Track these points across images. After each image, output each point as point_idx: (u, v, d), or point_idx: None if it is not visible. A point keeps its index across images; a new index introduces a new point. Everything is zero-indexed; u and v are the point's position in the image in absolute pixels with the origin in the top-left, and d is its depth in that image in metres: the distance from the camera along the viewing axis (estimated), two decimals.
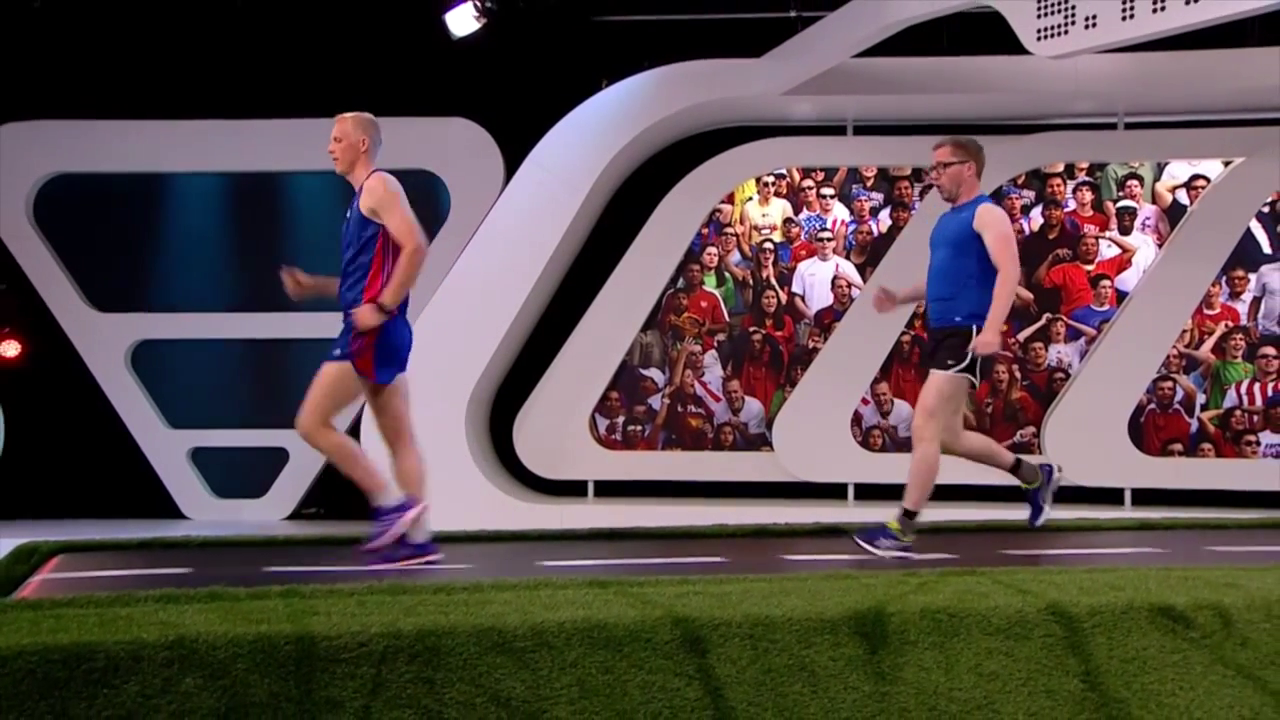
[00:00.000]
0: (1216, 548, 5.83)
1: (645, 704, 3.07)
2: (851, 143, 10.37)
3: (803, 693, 3.16)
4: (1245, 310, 9.84)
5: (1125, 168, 10.10)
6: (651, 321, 10.47)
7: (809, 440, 10.09)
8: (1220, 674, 3.52)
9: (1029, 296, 10.13)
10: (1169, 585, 3.87)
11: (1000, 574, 3.84)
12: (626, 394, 10.49)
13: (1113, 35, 7.61)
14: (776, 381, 10.38)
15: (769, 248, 10.46)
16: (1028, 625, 3.42)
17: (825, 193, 10.44)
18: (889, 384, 10.21)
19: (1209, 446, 9.83)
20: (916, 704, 3.21)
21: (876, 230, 10.37)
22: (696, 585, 3.51)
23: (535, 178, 10.01)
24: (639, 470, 10.42)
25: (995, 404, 10.12)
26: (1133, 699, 3.37)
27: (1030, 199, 10.23)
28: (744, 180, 10.47)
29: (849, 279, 10.33)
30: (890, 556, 4.94)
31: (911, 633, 3.30)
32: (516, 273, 9.94)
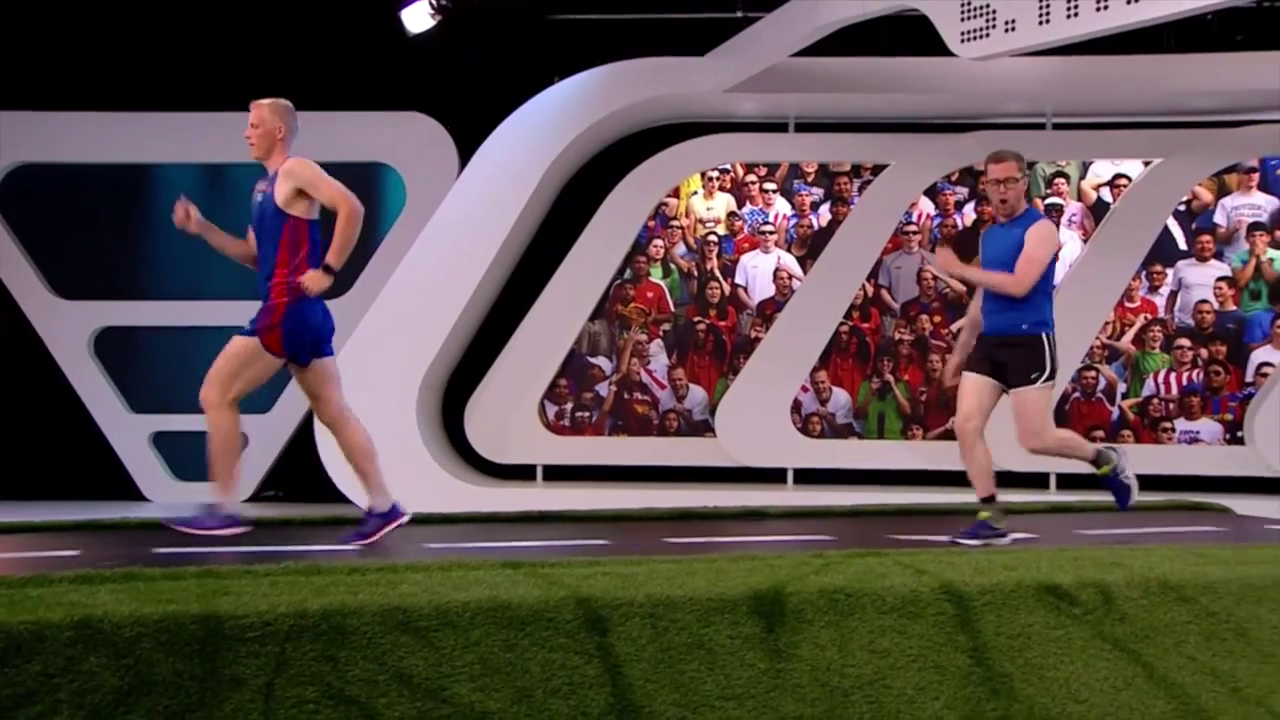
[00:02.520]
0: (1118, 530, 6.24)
1: (545, 681, 3.19)
2: (793, 139, 10.71)
3: (700, 670, 3.34)
4: (1163, 303, 10.30)
5: (1053, 166, 10.51)
6: (599, 311, 10.78)
7: (750, 427, 10.45)
8: (1098, 648, 3.83)
9: (962, 289, 10.52)
10: (1059, 565, 4.20)
11: (902, 555, 4.15)
12: (575, 381, 10.80)
13: (1031, 39, 8.02)
14: (720, 370, 10.72)
15: (713, 240, 10.79)
16: (921, 604, 3.72)
17: (768, 187, 10.78)
18: (828, 372, 10.59)
19: (1129, 433, 10.29)
20: (810, 680, 3.42)
21: (817, 224, 10.72)
22: (604, 566, 3.70)
23: (485, 171, 10.27)
24: (586, 455, 10.74)
25: (929, 392, 10.52)
26: (1016, 673, 3.66)
27: (964, 195, 10.62)
28: (689, 175, 10.78)
29: (790, 271, 10.68)
30: (1008, 542, 5.13)
31: (809, 612, 3.54)
32: (467, 263, 10.20)
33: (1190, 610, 3.98)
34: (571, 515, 6.14)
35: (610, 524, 5.96)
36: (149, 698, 2.94)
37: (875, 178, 10.57)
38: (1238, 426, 10.14)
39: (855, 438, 10.59)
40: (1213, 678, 3.77)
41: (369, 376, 9.89)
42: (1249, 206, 10.23)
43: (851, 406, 10.60)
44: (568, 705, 3.15)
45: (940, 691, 3.58)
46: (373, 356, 10.01)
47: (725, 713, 3.30)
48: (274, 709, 2.92)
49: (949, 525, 6.54)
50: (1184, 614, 3.97)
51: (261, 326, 4.94)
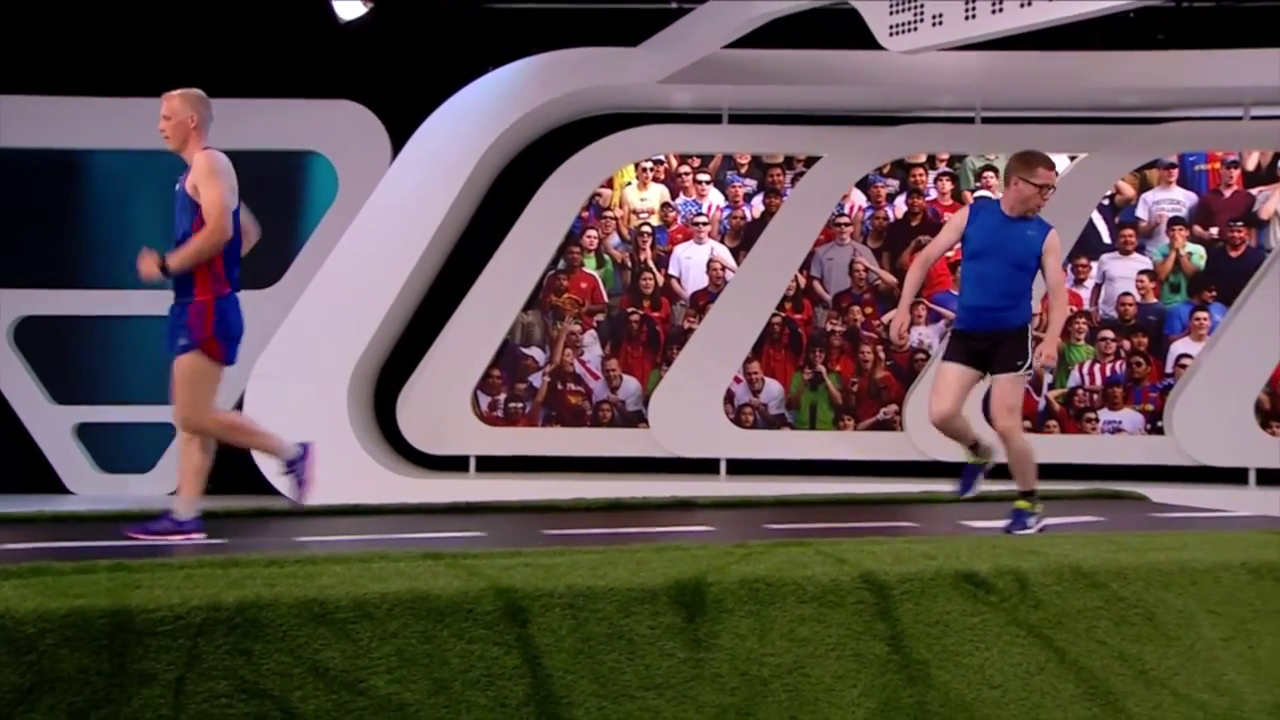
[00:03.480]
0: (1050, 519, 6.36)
1: (464, 672, 3.18)
2: (726, 131, 10.75)
3: (619, 660, 3.35)
4: (1088, 296, 10.50)
5: (982, 159, 10.66)
6: (533, 301, 10.76)
7: (683, 417, 10.49)
8: (1013, 634, 3.91)
9: (892, 281, 10.65)
10: (977, 553, 4.27)
11: (824, 545, 4.19)
12: (508, 372, 10.78)
13: (958, 33, 8.15)
14: (653, 361, 10.76)
15: (647, 231, 10.81)
16: (841, 593, 3.76)
17: (701, 179, 10.82)
18: (760, 363, 10.66)
19: (1054, 423, 10.48)
20: (730, 669, 3.44)
21: (750, 215, 10.78)
22: (526, 557, 3.71)
23: (418, 160, 10.21)
24: (520, 446, 10.72)
25: (860, 383, 10.64)
26: (933, 660, 3.73)
27: (895, 188, 10.73)
28: (623, 165, 10.79)
29: (723, 262, 10.74)
30: (1040, 528, 5.39)
31: (729, 601, 3.57)
32: (399, 252, 10.14)
33: (1101, 596, 4.06)
34: (500, 506, 6.14)
35: (538, 515, 5.96)
36: (52, 695, 2.89)
37: (808, 170, 10.65)
38: (1158, 416, 10.37)
39: (787, 428, 10.68)
40: (1121, 661, 3.86)
41: (299, 368, 9.83)
42: (1169, 201, 10.45)
43: (784, 397, 10.69)
44: (486, 696, 3.15)
45: (858, 679, 3.63)
46: (303, 347, 9.93)
47: (644, 702, 3.32)
48: (184, 704, 2.89)
49: (878, 515, 6.65)
50: (1095, 599, 4.05)
51: (197, 339, 4.86)
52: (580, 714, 3.24)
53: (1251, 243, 10.34)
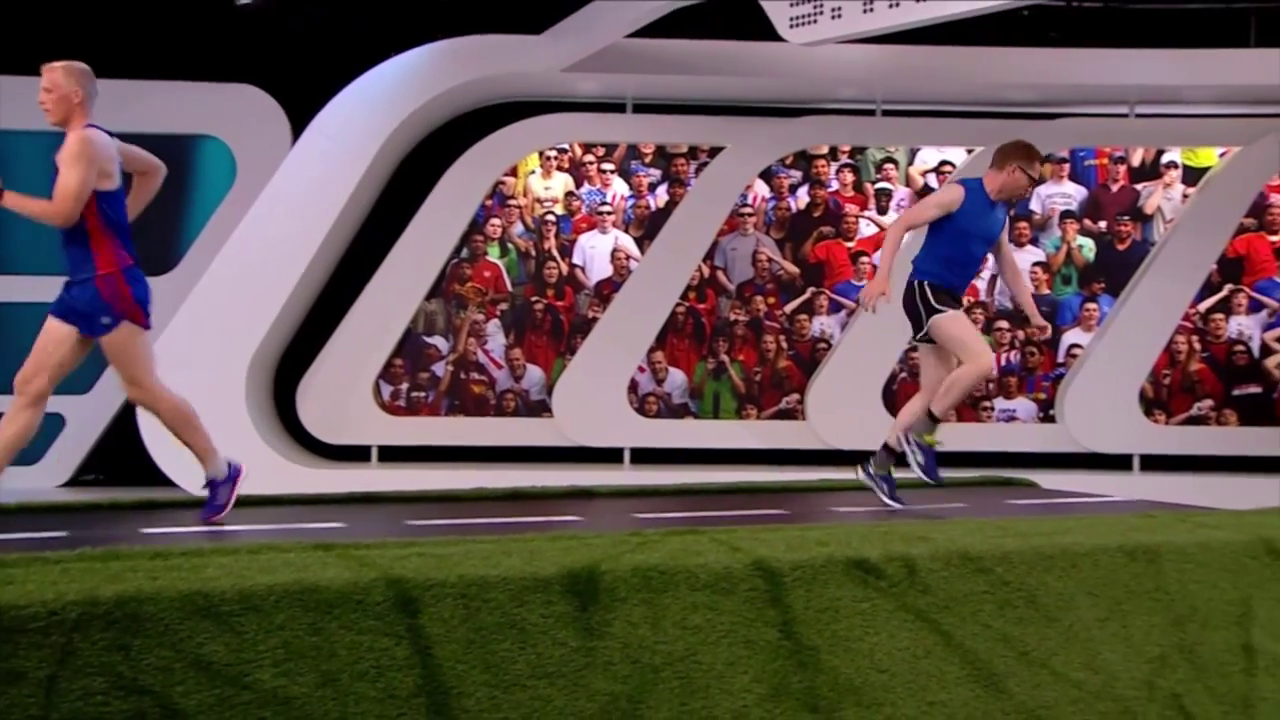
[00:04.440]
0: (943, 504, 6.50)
1: (353, 664, 3.13)
2: (631, 120, 10.77)
3: (511, 649, 3.32)
4: (984, 286, 10.73)
5: (882, 152, 10.83)
6: (436, 290, 10.67)
7: (587, 407, 10.50)
8: (902, 618, 3.98)
9: (795, 271, 10.77)
10: (868, 540, 4.33)
11: (719, 533, 4.22)
12: (410, 361, 10.68)
13: (856, 26, 8.29)
14: (557, 350, 10.74)
15: (551, 220, 10.78)
16: (734, 580, 3.79)
17: (605, 168, 10.83)
18: (664, 353, 10.71)
19: (952, 412, 10.67)
20: (622, 657, 3.44)
21: (654, 205, 10.81)
22: (419, 547, 3.67)
23: (318, 146, 10.05)
24: (423, 436, 10.64)
25: (763, 372, 10.74)
26: (824, 645, 3.77)
27: (797, 178, 10.85)
28: (527, 154, 10.75)
29: (628, 251, 10.76)
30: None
31: (622, 590, 3.57)
32: (299, 239, 9.98)
33: (987, 580, 4.15)
34: (397, 496, 6.08)
35: (438, 504, 5.92)
36: None
37: (711, 160, 10.72)
38: (1050, 405, 10.64)
39: (691, 417, 10.75)
40: (1004, 643, 3.95)
41: (194, 355, 9.61)
42: (1061, 195, 10.73)
43: (687, 386, 10.75)
44: (375, 688, 3.12)
45: (749, 665, 3.66)
46: (198, 335, 9.73)
47: (536, 691, 3.32)
48: (56, 702, 2.80)
49: (777, 502, 6.73)
50: (981, 584, 4.14)
51: (121, 311, 4.71)
52: (471, 704, 3.22)
53: (1137, 236, 10.66)
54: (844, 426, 10.50)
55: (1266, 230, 10.62)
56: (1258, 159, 10.35)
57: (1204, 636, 4.18)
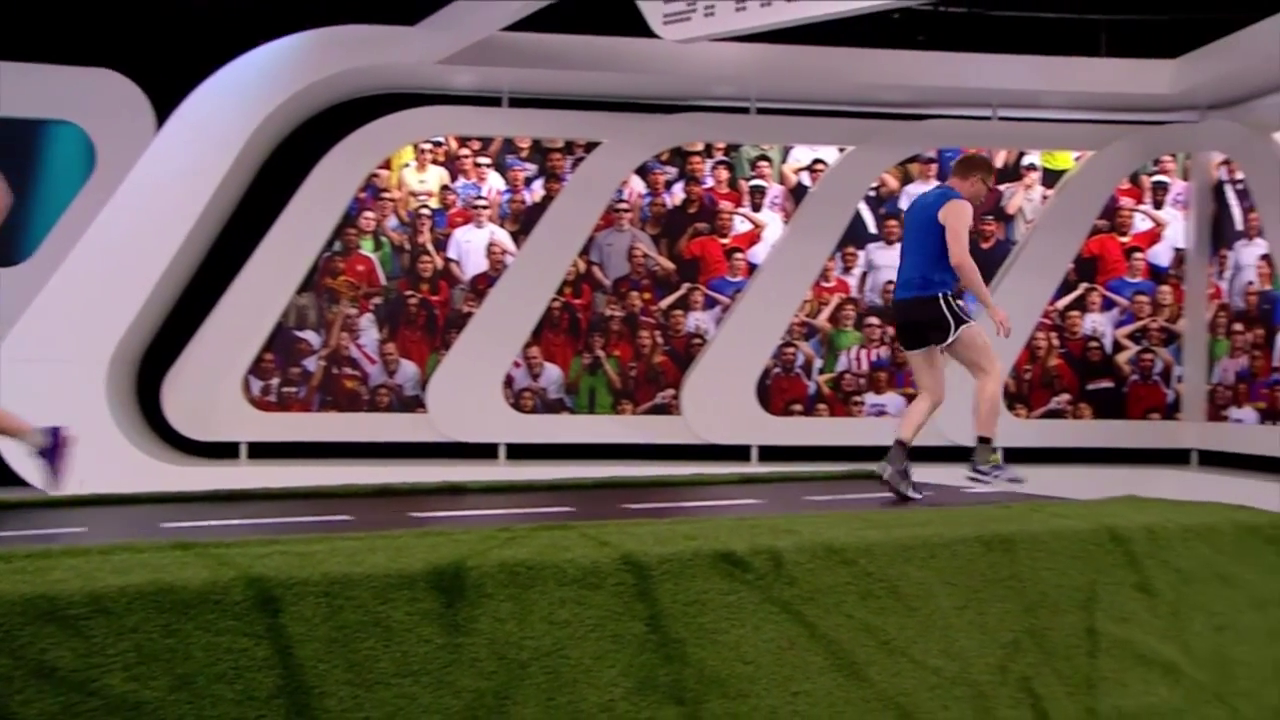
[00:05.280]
0: (813, 496, 6.62)
1: (209, 666, 3.06)
2: (507, 114, 10.71)
3: (375, 647, 3.28)
4: (855, 283, 10.95)
5: (757, 149, 10.96)
6: (308, 284, 10.47)
7: (462, 402, 10.43)
8: (767, 610, 4.03)
9: (671, 267, 10.84)
10: (736, 533, 4.39)
11: (588, 528, 4.23)
12: (281, 355, 10.46)
13: (729, 24, 8.39)
14: (431, 345, 10.64)
15: (426, 214, 10.67)
16: (601, 575, 3.80)
17: (481, 162, 10.75)
18: (539, 348, 10.68)
19: (824, 406, 10.90)
20: (488, 653, 3.41)
21: (530, 200, 10.77)
22: (282, 545, 3.60)
23: (183, 134, 9.78)
24: (293, 431, 10.44)
25: (639, 367, 10.79)
26: (690, 638, 3.81)
27: (673, 175, 10.92)
28: (401, 146, 10.61)
29: (503, 246, 10.70)
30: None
31: (489, 585, 3.55)
32: (163, 230, 9.70)
33: (850, 571, 4.23)
34: (264, 493, 5.95)
35: (305, 501, 5.81)
36: None
37: (588, 155, 10.72)
38: None
39: (566, 413, 10.74)
40: (866, 633, 4.04)
41: (52, 349, 9.29)
42: None
43: (563, 381, 10.75)
44: (233, 690, 3.05)
45: (617, 660, 3.67)
46: (55, 328, 9.39)
47: (400, 689, 3.28)
48: None
49: (649, 497, 6.76)
50: (845, 575, 4.22)
51: None
52: (333, 704, 3.17)
53: (1000, 235, 11.00)
54: (718, 422, 10.63)
55: (1117, 231, 11.06)
56: (1109, 163, 10.77)
57: (1053, 621, 4.33)
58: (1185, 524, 4.94)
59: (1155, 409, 10.98)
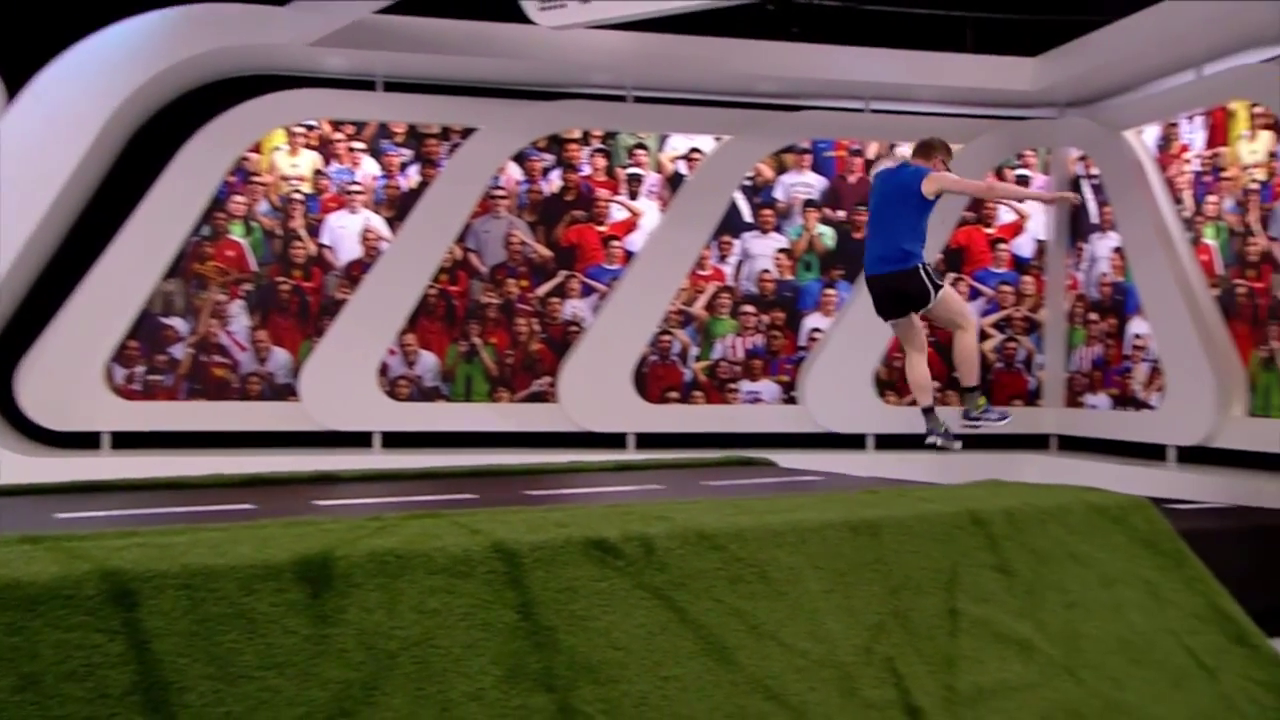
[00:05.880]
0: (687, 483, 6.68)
1: (59, 664, 2.97)
2: (381, 98, 10.54)
3: (238, 640, 3.22)
4: (731, 272, 11.07)
5: (634, 137, 10.99)
6: (175, 269, 10.18)
7: (336, 390, 10.26)
8: (638, 597, 4.06)
9: (548, 254, 10.82)
10: (609, 520, 4.41)
11: (459, 516, 4.21)
12: (146, 343, 10.15)
13: (603, 12, 8.41)
14: (304, 332, 10.43)
15: (298, 198, 10.45)
16: (472, 563, 3.78)
17: (355, 146, 10.56)
18: (415, 335, 10.57)
19: (700, 394, 11.01)
20: (356, 644, 3.38)
21: (405, 186, 10.63)
22: (141, 537, 3.51)
23: (35, 113, 9.39)
24: (160, 420, 10.15)
25: (516, 355, 10.75)
26: (561, 625, 3.81)
27: (550, 162, 10.89)
28: (272, 130, 10.37)
29: (378, 232, 10.55)
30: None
31: (357, 575, 3.51)
32: (16, 213, 9.30)
33: (721, 557, 4.29)
34: (125, 484, 5.79)
35: (169, 492, 5.67)
36: None
37: (464, 141, 10.62)
38: (792, 387, 11.09)
39: (443, 400, 10.65)
40: (736, 617, 4.10)
41: None
42: (802, 185, 11.18)
43: (439, 369, 10.65)
44: (84, 688, 2.95)
45: (487, 648, 3.66)
46: None
47: (264, 682, 3.22)
48: None
49: (524, 485, 6.75)
50: (715, 560, 4.27)
51: None
52: (193, 699, 3.10)
53: None
54: (596, 409, 10.65)
55: (983, 223, 11.39)
56: (975, 157, 11.08)
57: (916, 603, 4.46)
58: (1041, 506, 5.13)
59: (1018, 396, 11.35)
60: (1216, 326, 9.60)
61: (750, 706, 3.87)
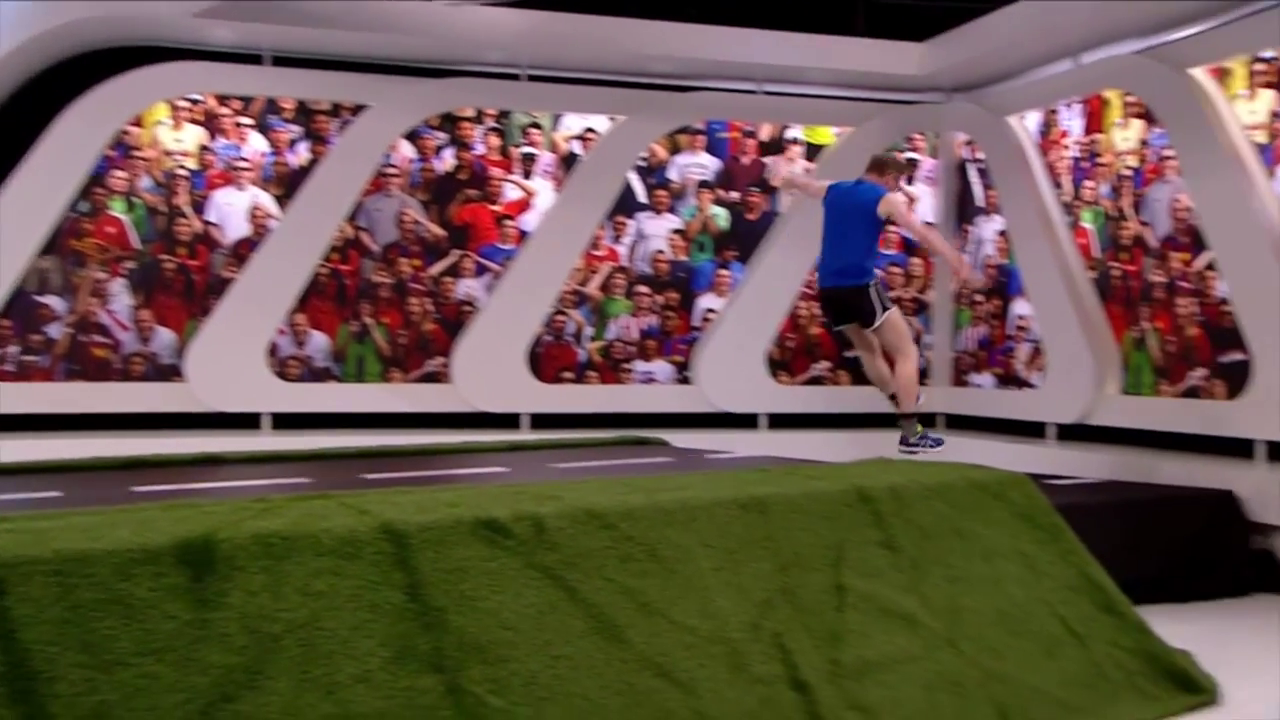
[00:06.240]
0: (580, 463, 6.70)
1: None
2: (270, 73, 10.31)
3: (115, 626, 3.17)
4: (625, 252, 11.09)
5: (528, 116, 10.92)
6: (51, 246, 9.84)
7: (223, 370, 10.04)
8: (528, 576, 4.07)
9: (441, 233, 10.71)
10: (499, 500, 4.40)
11: (347, 497, 4.17)
12: (20, 322, 9.80)
13: None
14: (190, 311, 10.18)
15: (183, 174, 10.17)
16: (359, 544, 3.76)
17: (243, 122, 10.32)
18: (306, 315, 10.38)
19: (595, 374, 11.02)
20: (239, 628, 3.34)
21: (295, 163, 10.42)
22: (9, 523, 3.40)
23: None
24: (36, 402, 9.81)
25: (409, 335, 10.63)
26: (450, 605, 3.80)
27: (443, 140, 10.76)
28: (154, 103, 10.07)
29: (267, 210, 10.32)
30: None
31: (240, 558, 3.47)
32: None
33: (611, 536, 4.32)
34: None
35: (44, 476, 5.51)
36: None
37: (355, 118, 10.45)
38: (686, 367, 11.17)
39: (334, 381, 10.49)
40: (626, 595, 4.13)
41: None
42: (697, 165, 11.24)
43: (330, 349, 10.48)
44: None
45: (375, 629, 3.64)
46: None
47: (141, 669, 3.16)
48: None
49: (415, 465, 6.71)
50: (606, 539, 4.30)
51: None
52: (64, 688, 3.02)
53: (765, 207, 11.34)
54: (489, 389, 10.60)
55: None
56: (865, 139, 11.25)
57: (804, 579, 4.54)
58: (926, 483, 5.26)
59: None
60: (1094, 308, 9.91)
61: (640, 683, 3.91)
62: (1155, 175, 9.40)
